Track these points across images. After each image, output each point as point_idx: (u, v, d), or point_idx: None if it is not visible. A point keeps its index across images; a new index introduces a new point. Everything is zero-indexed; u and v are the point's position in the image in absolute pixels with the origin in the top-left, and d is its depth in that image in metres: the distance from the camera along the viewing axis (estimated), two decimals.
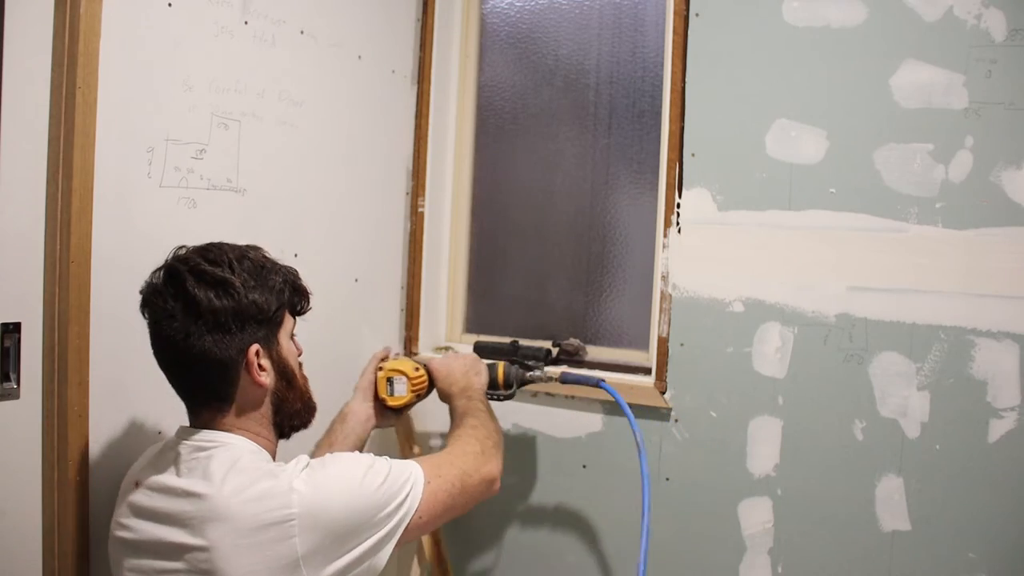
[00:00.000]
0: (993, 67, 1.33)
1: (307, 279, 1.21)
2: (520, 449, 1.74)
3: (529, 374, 1.56)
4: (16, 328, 1.11)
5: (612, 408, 1.65)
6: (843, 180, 1.44)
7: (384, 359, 1.53)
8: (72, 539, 1.15)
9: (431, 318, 1.92)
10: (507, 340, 1.85)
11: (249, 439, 1.12)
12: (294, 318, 1.19)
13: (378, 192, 1.79)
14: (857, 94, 1.43)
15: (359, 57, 1.70)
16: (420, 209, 1.87)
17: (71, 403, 1.14)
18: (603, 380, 1.52)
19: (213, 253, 1.10)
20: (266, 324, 1.11)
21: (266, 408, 1.14)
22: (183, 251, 1.12)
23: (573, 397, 1.69)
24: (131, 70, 1.22)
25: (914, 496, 1.39)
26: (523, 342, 1.83)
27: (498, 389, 1.54)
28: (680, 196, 1.57)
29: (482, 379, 1.50)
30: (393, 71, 1.81)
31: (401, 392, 1.48)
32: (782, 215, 1.49)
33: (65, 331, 1.14)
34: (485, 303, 1.98)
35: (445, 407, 1.47)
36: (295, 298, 1.17)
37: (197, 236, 1.33)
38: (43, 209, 1.13)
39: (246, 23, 1.42)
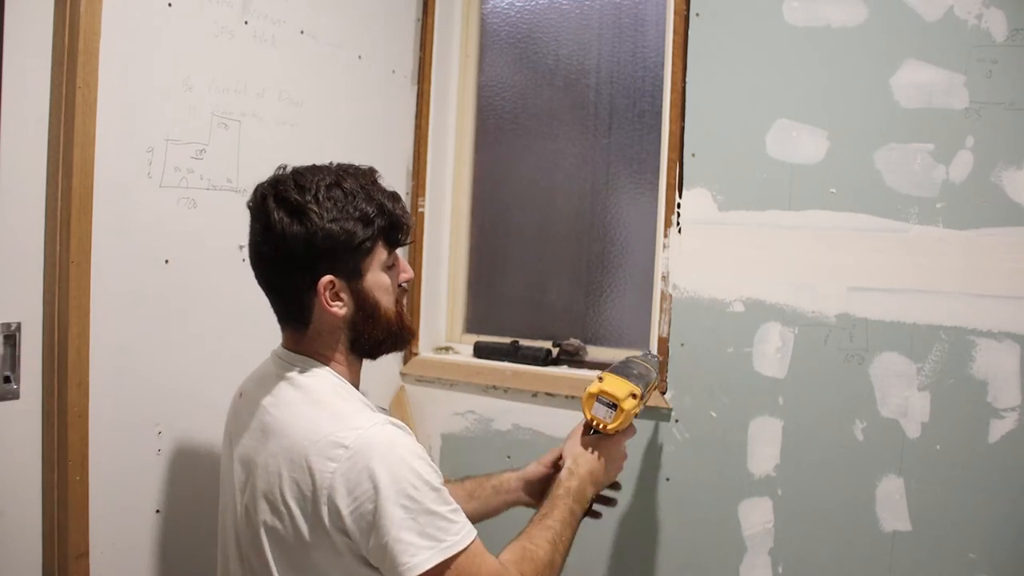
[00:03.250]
0: (994, 67, 1.33)
1: None
2: (520, 449, 1.74)
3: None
4: (16, 328, 1.11)
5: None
6: (843, 180, 1.44)
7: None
8: (72, 540, 1.15)
9: (431, 318, 1.92)
10: (507, 340, 1.85)
11: (331, 368, 1.12)
12: (392, 249, 1.14)
13: None
14: (857, 94, 1.42)
15: (359, 57, 1.70)
16: (420, 209, 1.87)
17: (71, 404, 1.14)
18: None
19: (306, 178, 1.09)
20: (347, 255, 1.09)
21: (344, 336, 1.13)
22: (285, 169, 1.13)
23: (573, 397, 1.69)
24: (131, 70, 1.22)
25: (915, 496, 1.39)
26: (523, 342, 1.83)
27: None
28: (680, 196, 1.57)
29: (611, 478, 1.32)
30: (393, 71, 1.80)
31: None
32: (782, 215, 1.49)
33: (65, 331, 1.14)
34: (485, 303, 1.98)
35: None
36: (391, 230, 1.13)
37: (197, 236, 1.34)
38: (43, 209, 1.13)
39: (246, 23, 1.42)
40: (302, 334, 1.13)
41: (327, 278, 1.07)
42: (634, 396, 1.24)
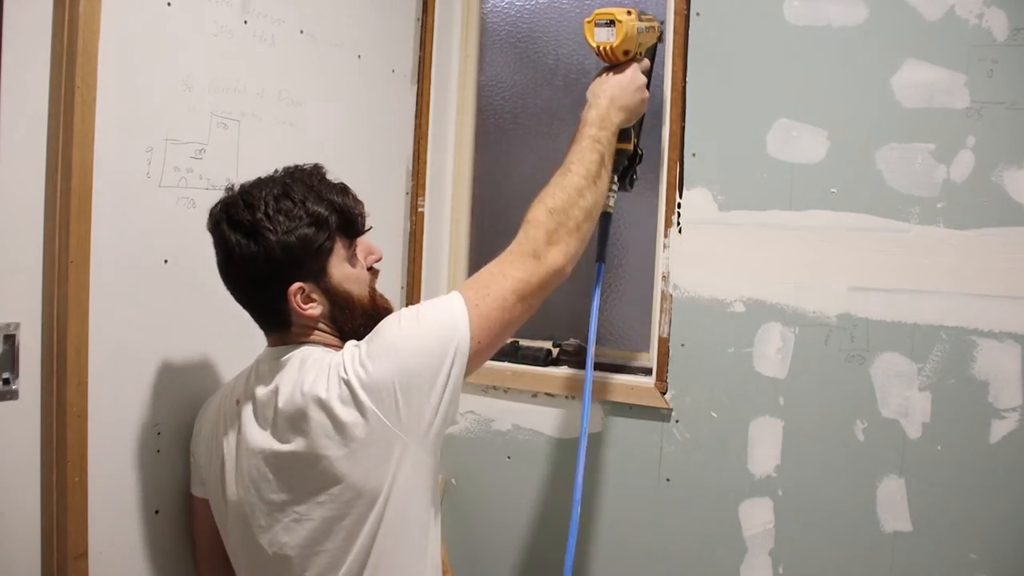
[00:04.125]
0: (995, 67, 1.33)
1: None
2: (520, 449, 1.74)
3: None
4: (15, 328, 1.10)
5: (612, 408, 1.64)
6: (844, 180, 1.43)
7: None
8: (71, 540, 1.15)
9: None
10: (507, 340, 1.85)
11: (319, 344, 1.18)
12: (352, 239, 1.19)
13: (378, 192, 1.79)
14: (858, 94, 1.42)
15: (359, 56, 1.69)
16: (420, 209, 1.87)
17: (70, 404, 1.14)
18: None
19: (254, 195, 1.13)
20: (308, 260, 1.13)
21: (325, 326, 1.19)
22: (233, 190, 1.17)
23: (573, 397, 1.69)
24: (130, 69, 1.22)
25: (915, 497, 1.39)
26: (523, 342, 1.83)
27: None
28: (681, 196, 1.57)
29: (637, 110, 1.36)
30: (393, 71, 1.80)
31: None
32: (783, 215, 1.48)
33: (64, 331, 1.13)
34: None
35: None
36: (347, 224, 1.17)
37: (197, 236, 1.34)
38: (42, 209, 1.13)
39: (245, 22, 1.41)
40: (287, 332, 1.18)
41: (295, 286, 1.12)
42: (629, 13, 1.30)
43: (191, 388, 1.34)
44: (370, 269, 1.24)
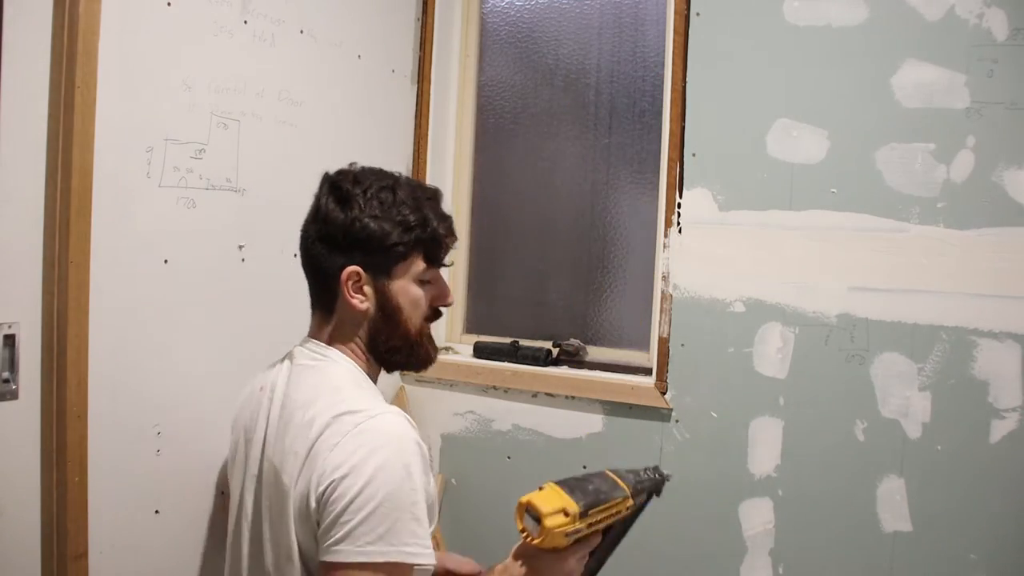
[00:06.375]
0: (995, 67, 1.33)
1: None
2: (520, 450, 1.74)
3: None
4: (15, 328, 1.10)
5: (612, 409, 1.64)
6: (844, 180, 1.43)
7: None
8: (71, 540, 1.15)
9: None
10: (507, 340, 1.85)
11: (351, 358, 1.15)
12: (430, 265, 1.15)
13: None
14: (858, 94, 1.42)
15: (359, 56, 1.69)
16: None
17: (70, 403, 1.14)
18: None
19: (366, 176, 1.15)
20: (379, 254, 1.12)
21: (363, 332, 1.15)
22: (354, 166, 1.19)
23: (573, 397, 1.69)
24: (130, 69, 1.22)
25: (915, 497, 1.39)
26: (523, 342, 1.83)
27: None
28: (681, 196, 1.57)
29: None
30: (393, 70, 1.80)
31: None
32: (783, 215, 1.48)
33: (64, 331, 1.13)
34: (485, 303, 1.98)
35: None
36: (431, 244, 1.14)
37: (196, 236, 1.34)
38: (42, 209, 1.13)
39: (245, 22, 1.41)
40: (327, 322, 1.16)
41: (352, 268, 1.11)
42: (566, 514, 1.03)
43: (191, 388, 1.34)
44: (434, 308, 1.19)
